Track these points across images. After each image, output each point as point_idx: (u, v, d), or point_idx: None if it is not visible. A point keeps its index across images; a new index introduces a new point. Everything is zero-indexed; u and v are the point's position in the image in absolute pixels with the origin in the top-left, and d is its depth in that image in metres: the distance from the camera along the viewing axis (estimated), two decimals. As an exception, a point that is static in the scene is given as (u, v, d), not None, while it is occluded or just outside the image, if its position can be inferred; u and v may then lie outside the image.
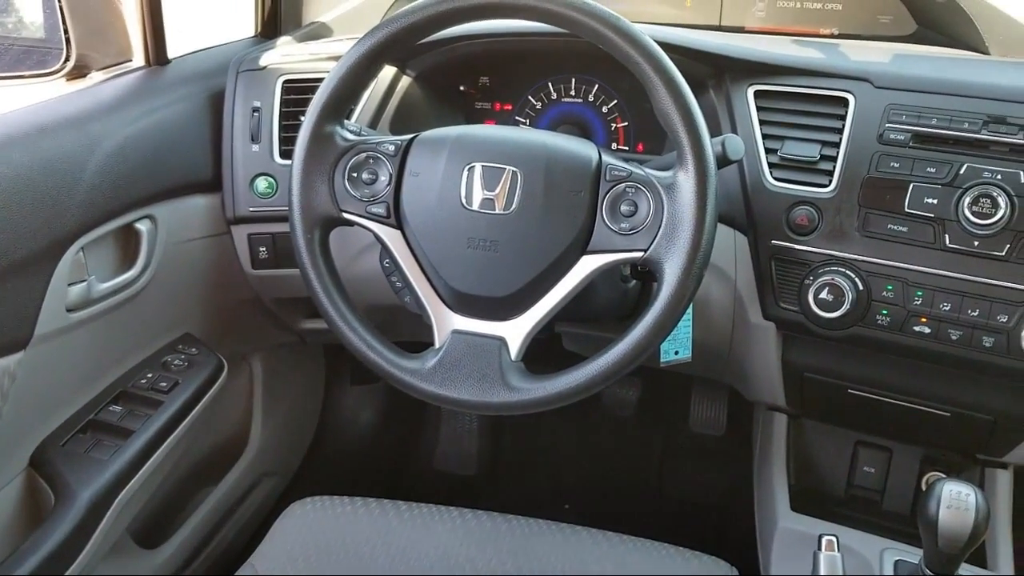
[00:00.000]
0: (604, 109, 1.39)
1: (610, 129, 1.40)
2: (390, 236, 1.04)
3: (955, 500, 0.89)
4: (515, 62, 1.41)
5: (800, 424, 1.36)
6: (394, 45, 1.01)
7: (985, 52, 1.32)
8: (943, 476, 1.28)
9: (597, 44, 0.96)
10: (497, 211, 0.99)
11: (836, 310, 1.10)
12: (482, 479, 2.06)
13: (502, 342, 1.00)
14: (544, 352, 1.32)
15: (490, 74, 1.43)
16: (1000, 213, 1.02)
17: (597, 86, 1.39)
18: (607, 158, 1.01)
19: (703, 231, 0.92)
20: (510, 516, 1.15)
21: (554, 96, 1.41)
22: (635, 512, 1.95)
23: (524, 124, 1.43)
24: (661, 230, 0.94)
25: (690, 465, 1.98)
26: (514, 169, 0.99)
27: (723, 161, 1.04)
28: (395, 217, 1.03)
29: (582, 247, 0.98)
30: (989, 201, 1.03)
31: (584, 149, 1.01)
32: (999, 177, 1.03)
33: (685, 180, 0.93)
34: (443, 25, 1.00)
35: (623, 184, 0.97)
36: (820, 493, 1.34)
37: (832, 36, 1.54)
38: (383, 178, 1.03)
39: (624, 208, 0.97)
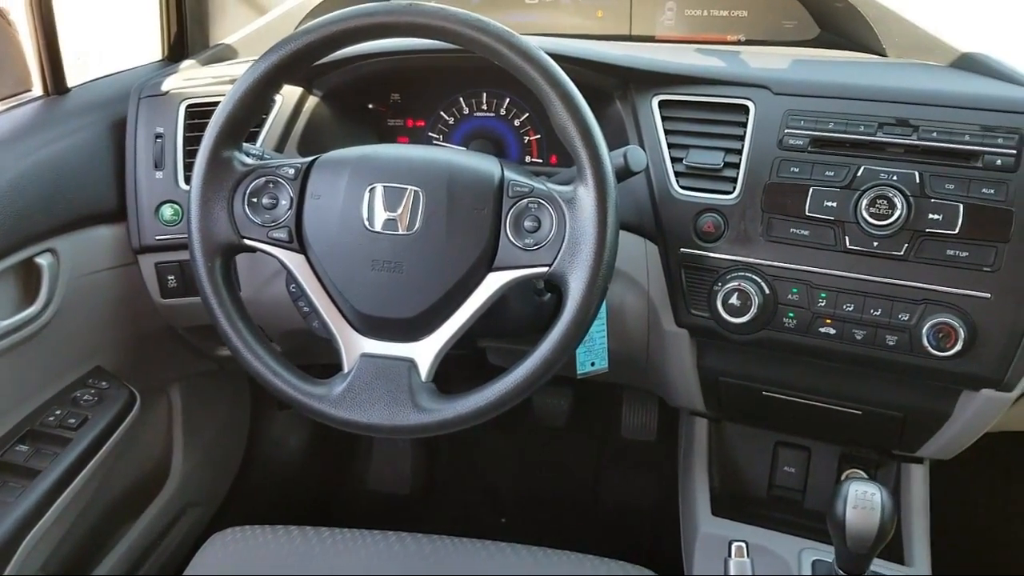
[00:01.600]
0: (516, 122, 1.39)
1: (523, 142, 1.40)
2: (293, 261, 1.02)
3: (861, 500, 0.90)
4: (425, 78, 1.40)
5: (721, 428, 1.37)
6: (290, 67, 0.99)
7: (883, 55, 1.35)
8: (861, 473, 1.30)
9: (493, 60, 0.96)
10: (400, 231, 0.98)
11: (744, 315, 1.11)
12: (418, 497, 2.04)
13: (411, 363, 0.99)
14: (477, 367, 1.32)
15: (401, 91, 1.42)
16: (897, 213, 1.04)
17: (508, 100, 1.39)
18: (510, 174, 1.00)
19: (605, 244, 0.93)
20: (435, 537, 1.14)
21: (466, 111, 1.41)
22: (572, 522, 1.95)
23: (437, 140, 1.42)
24: (564, 245, 0.94)
25: (624, 472, 1.99)
26: (416, 188, 0.99)
27: (625, 173, 1.04)
28: (298, 241, 1.02)
29: (488, 264, 0.98)
30: (886, 202, 1.05)
31: (486, 165, 1.01)
32: (895, 178, 1.06)
33: (585, 194, 0.93)
34: (338, 46, 0.98)
35: (526, 200, 0.97)
36: (743, 495, 1.35)
37: (739, 42, 1.57)
38: (284, 202, 1.02)
39: (528, 224, 0.97)
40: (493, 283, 0.98)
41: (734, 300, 1.12)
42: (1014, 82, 1.12)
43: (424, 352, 0.99)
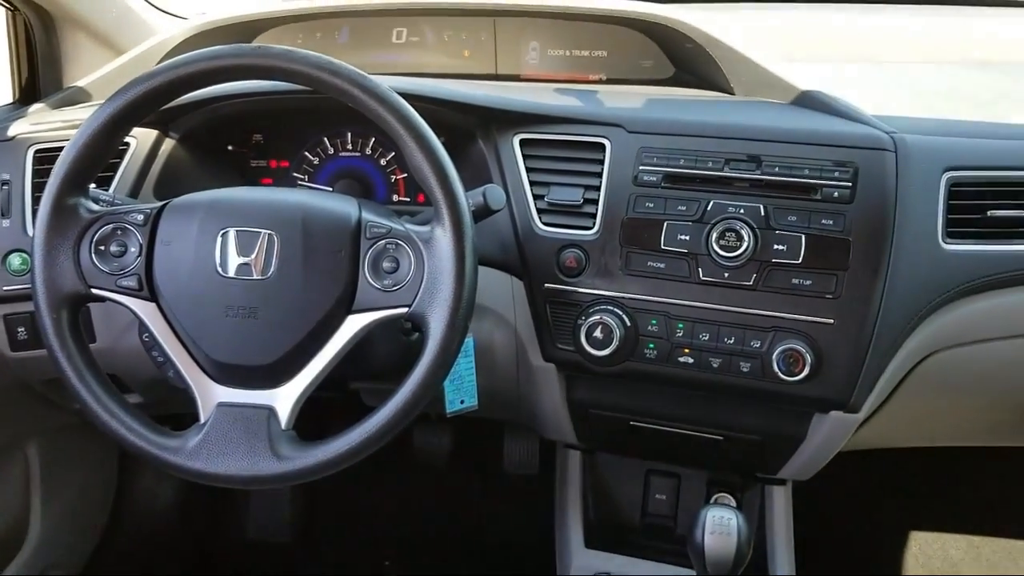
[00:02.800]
0: (383, 161, 1.39)
1: (390, 181, 1.39)
2: (144, 309, 0.99)
3: (718, 525, 0.93)
4: (288, 118, 1.38)
5: (595, 458, 1.39)
6: (135, 111, 0.97)
7: (732, 92, 1.41)
8: (729, 498, 1.34)
9: (346, 103, 0.96)
10: (255, 276, 0.96)
11: (606, 347, 1.13)
12: (300, 544, 1.98)
13: (271, 411, 0.96)
14: (355, 410, 1.29)
15: (263, 131, 1.40)
16: (744, 245, 1.09)
17: (374, 139, 1.38)
18: (367, 215, 1.00)
19: (463, 283, 0.93)
20: None
21: (331, 151, 1.40)
22: (457, 562, 1.93)
23: (303, 181, 1.40)
24: (423, 285, 0.94)
25: (509, 508, 1.98)
26: (270, 232, 0.97)
27: (485, 211, 1.05)
28: (148, 289, 0.98)
29: (347, 307, 0.97)
30: (734, 234, 1.09)
31: (343, 207, 1.00)
32: (742, 211, 1.10)
33: (442, 234, 0.94)
34: (185, 89, 0.97)
35: (383, 240, 0.97)
36: (618, 524, 1.37)
37: (601, 81, 1.61)
38: (133, 249, 0.99)
39: (386, 264, 0.97)
40: (353, 326, 0.97)
41: (597, 333, 1.14)
42: (848, 118, 1.19)
43: (283, 399, 0.97)
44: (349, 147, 1.39)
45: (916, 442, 1.49)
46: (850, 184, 1.08)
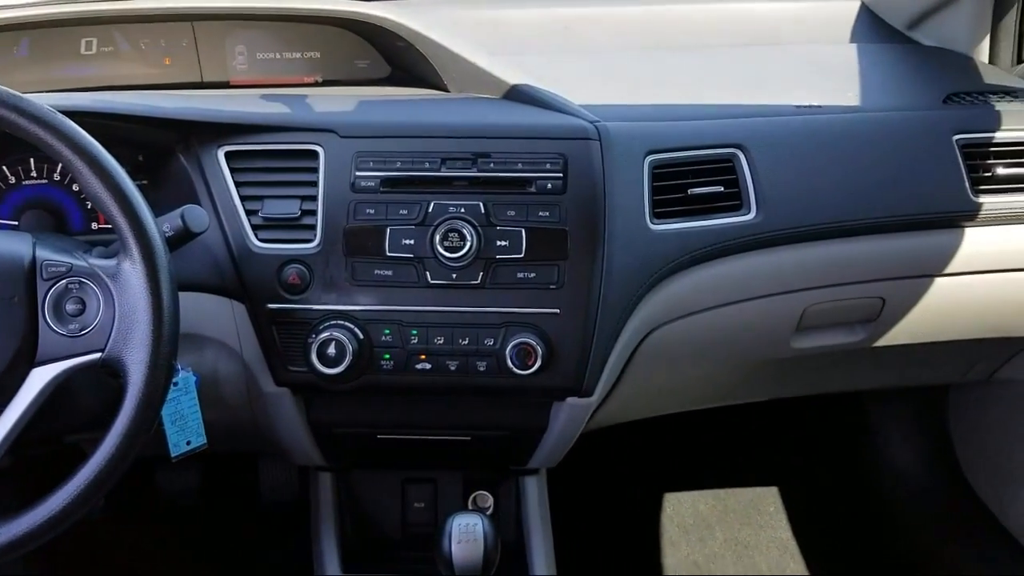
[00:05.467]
0: (75, 187, 1.25)
1: (86, 208, 1.26)
2: None
3: (464, 533, 0.92)
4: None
5: (348, 477, 1.34)
6: None
7: (447, 90, 1.40)
8: (487, 495, 1.34)
9: (4, 129, 0.84)
10: None
11: (340, 364, 1.08)
12: None
13: None
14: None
15: None
16: (468, 244, 1.08)
17: (61, 164, 1.24)
18: (44, 252, 0.89)
19: (162, 319, 0.86)
20: None
21: (12, 180, 1.24)
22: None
23: (-20, 217, 1.23)
24: (115, 326, 0.86)
25: (271, 538, 1.89)
26: None
27: (186, 235, 0.97)
28: None
29: (29, 359, 0.86)
30: (457, 235, 1.08)
31: (12, 246, 0.89)
32: (463, 210, 1.10)
33: (131, 267, 0.86)
34: None
35: (64, 280, 0.87)
36: (380, 541, 1.33)
37: (317, 83, 1.55)
38: None
39: (71, 307, 0.87)
40: (39, 380, 0.86)
41: (329, 350, 1.09)
42: (556, 109, 1.21)
43: (-39, 472, 0.84)
44: (33, 174, 1.24)
45: (654, 413, 1.57)
46: (561, 175, 1.10)
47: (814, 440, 2.06)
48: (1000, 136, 1.30)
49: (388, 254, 1.10)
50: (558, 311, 1.10)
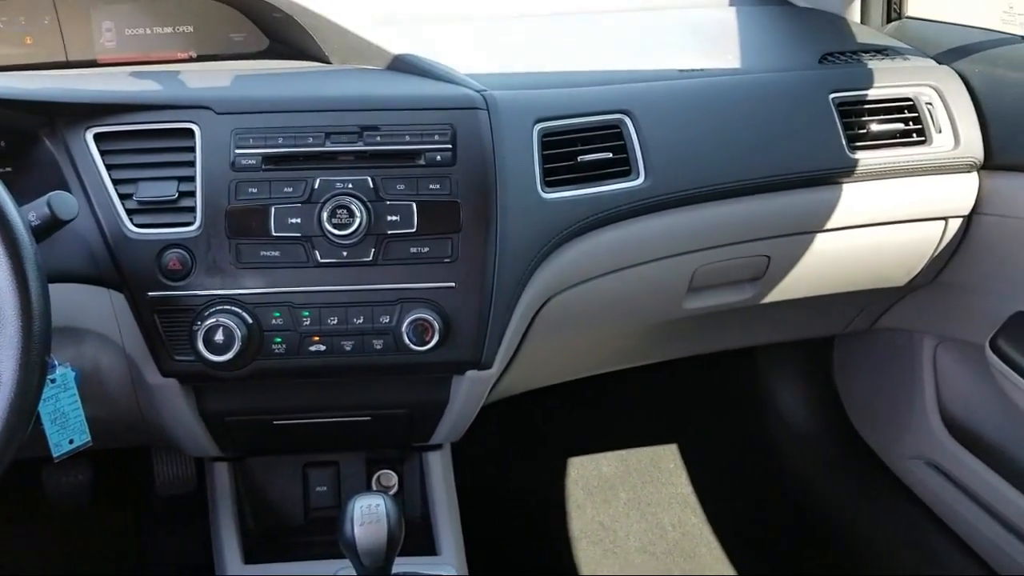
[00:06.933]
0: None
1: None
2: None
3: (367, 515, 0.90)
4: None
5: (245, 465, 1.30)
6: None
7: (328, 62, 1.36)
8: (391, 473, 1.32)
9: None
10: None
11: (229, 351, 1.04)
12: None
13: None
14: None
15: None
16: (358, 221, 1.06)
17: None
18: None
19: (32, 315, 0.80)
20: None
21: None
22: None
23: None
24: None
25: (169, 533, 1.82)
26: None
27: (53, 224, 0.91)
28: None
29: None
30: (346, 211, 1.06)
31: None
32: (351, 186, 1.07)
33: None
34: None
35: None
36: (284, 528, 1.30)
37: (191, 59, 1.48)
38: None
39: None
40: None
41: (217, 337, 1.04)
42: (442, 79, 1.19)
43: None
44: None
45: (554, 380, 1.58)
46: (450, 146, 1.08)
47: (709, 396, 2.12)
48: (873, 94, 1.35)
49: (274, 234, 1.06)
50: (453, 285, 1.08)
